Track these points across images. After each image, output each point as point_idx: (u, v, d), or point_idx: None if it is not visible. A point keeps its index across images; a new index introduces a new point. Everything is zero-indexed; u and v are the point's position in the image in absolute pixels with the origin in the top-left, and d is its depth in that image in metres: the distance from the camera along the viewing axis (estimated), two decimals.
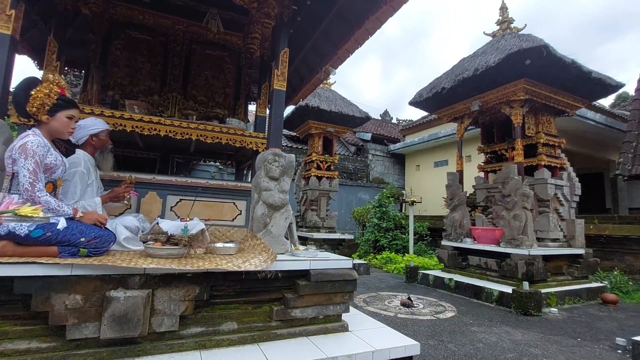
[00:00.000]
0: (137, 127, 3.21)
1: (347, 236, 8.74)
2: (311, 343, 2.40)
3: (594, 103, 9.05)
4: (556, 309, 4.97)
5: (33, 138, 1.88)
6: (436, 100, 7.44)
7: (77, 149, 2.43)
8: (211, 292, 2.32)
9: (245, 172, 5.73)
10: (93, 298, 1.97)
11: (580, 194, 6.66)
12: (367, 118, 9.42)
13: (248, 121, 5.17)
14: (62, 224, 1.96)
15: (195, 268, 2.11)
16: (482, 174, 7.38)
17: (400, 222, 10.32)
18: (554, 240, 6.14)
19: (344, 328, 2.70)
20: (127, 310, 1.97)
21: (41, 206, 1.87)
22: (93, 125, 2.49)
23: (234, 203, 3.57)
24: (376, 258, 9.27)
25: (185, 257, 2.29)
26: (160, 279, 2.13)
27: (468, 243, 6.55)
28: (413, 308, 4.80)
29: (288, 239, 2.97)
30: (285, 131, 11.55)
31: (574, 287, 5.72)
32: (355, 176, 14.41)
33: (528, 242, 5.59)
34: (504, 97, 6.36)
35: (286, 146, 13.18)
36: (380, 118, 20.92)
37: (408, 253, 8.81)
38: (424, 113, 11.12)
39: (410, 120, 18.80)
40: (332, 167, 9.26)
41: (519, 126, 6.29)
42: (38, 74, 4.50)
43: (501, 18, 7.13)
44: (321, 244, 7.59)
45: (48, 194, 1.95)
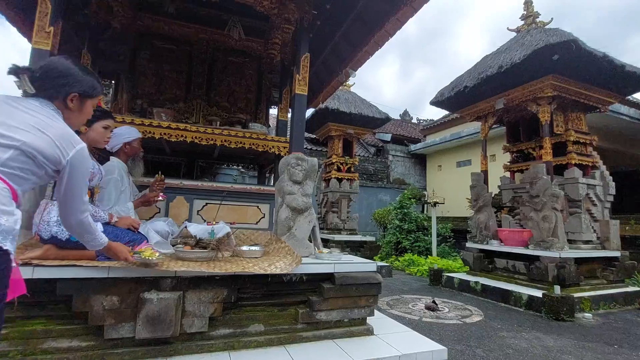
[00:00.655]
0: (165, 134, 3.33)
1: (369, 238, 8.70)
2: (337, 346, 2.41)
3: (628, 98, 8.60)
4: (590, 315, 4.75)
5: None
6: (458, 99, 7.29)
7: (111, 157, 2.55)
8: (238, 295, 2.37)
9: (267, 176, 5.82)
10: (128, 299, 2.06)
11: (614, 194, 6.35)
12: (387, 119, 9.35)
13: (269, 125, 5.25)
14: (100, 229, 2.05)
15: (223, 271, 2.17)
16: (508, 174, 7.17)
17: (422, 224, 10.17)
18: (587, 242, 5.87)
19: (369, 332, 2.69)
20: (160, 311, 2.05)
21: (150, 247, 2.06)
22: (126, 133, 2.61)
23: (258, 206, 3.63)
24: (398, 260, 9.17)
25: (213, 260, 2.36)
26: (190, 282, 2.21)
27: (494, 245, 6.37)
28: (438, 312, 4.72)
29: (312, 242, 3.00)
30: (304, 134, 11.65)
31: (609, 292, 5.45)
32: (375, 177, 14.31)
33: (559, 244, 5.37)
34: (530, 95, 6.15)
35: (306, 149, 13.27)
36: (400, 118, 20.70)
37: (431, 255, 8.66)
38: (445, 112, 10.93)
39: (431, 119, 18.51)
40: (352, 169, 9.24)
41: (547, 124, 6.07)
42: None
43: (526, 12, 6.92)
44: (342, 246, 7.58)
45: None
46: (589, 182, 6.05)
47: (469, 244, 6.89)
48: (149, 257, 1.98)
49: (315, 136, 10.18)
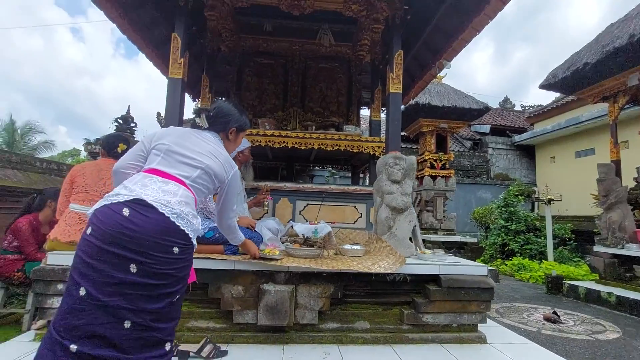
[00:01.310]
0: (270, 142, 3.67)
1: (469, 239, 8.07)
2: (446, 351, 2.32)
3: None
4: None
5: None
6: (576, 78, 6.23)
7: None
8: (344, 292, 2.47)
9: (361, 176, 5.90)
10: (251, 289, 2.33)
11: None
12: (486, 109, 8.55)
13: (360, 127, 5.32)
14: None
15: (330, 268, 2.29)
16: None
17: (533, 224, 8.97)
18: None
19: (482, 339, 2.51)
20: (277, 302, 2.27)
21: (278, 247, 2.42)
22: (241, 143, 2.97)
23: (355, 206, 3.71)
24: (505, 264, 8.27)
25: (320, 258, 2.50)
26: (300, 277, 2.39)
27: (633, 250, 5.24)
28: (560, 324, 4.11)
29: (412, 242, 2.94)
30: None
31: None
32: (473, 173, 13.17)
33: None
34: None
35: None
36: (499, 107, 18.63)
37: (546, 260, 7.58)
38: (556, 96, 9.43)
39: (538, 105, 16.18)
40: (447, 165, 8.70)
41: None
42: (192, 104, 5.57)
43: None
44: (439, 247, 7.20)
45: (214, 203, 2.41)
46: None
47: (598, 248, 5.82)
48: (270, 254, 2.24)
49: (405, 133, 9.88)
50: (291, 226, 3.11)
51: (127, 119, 5.40)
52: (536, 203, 10.80)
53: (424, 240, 7.59)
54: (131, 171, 1.55)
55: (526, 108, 17.72)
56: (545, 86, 6.75)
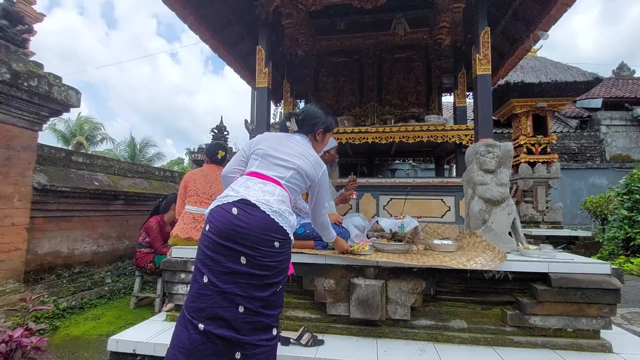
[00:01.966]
0: (350, 139, 3.71)
1: (582, 233, 6.98)
2: (561, 358, 2.07)
3: None
4: None
5: None
6: None
7: None
8: (436, 288, 2.38)
9: (446, 167, 5.58)
10: (342, 283, 2.41)
11: None
12: (596, 80, 7.26)
13: (442, 115, 5.02)
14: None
15: (420, 264, 2.23)
16: None
17: None
18: None
19: (606, 348, 2.17)
20: (368, 296, 2.31)
21: (367, 242, 2.49)
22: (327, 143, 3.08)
23: (442, 199, 3.54)
24: (631, 262, 6.93)
25: (409, 253, 2.46)
26: (390, 272, 2.38)
27: None
28: None
29: (512, 237, 2.68)
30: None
31: None
32: (582, 157, 11.32)
33: None
34: None
35: None
36: (613, 76, 15.62)
37: None
38: None
39: None
40: (549, 149, 7.64)
41: None
42: (273, 109, 5.96)
43: None
44: (544, 243, 6.38)
45: (304, 201, 2.55)
46: None
47: None
48: (359, 250, 2.29)
49: (494, 118, 8.99)
50: (376, 221, 3.12)
51: (221, 129, 6.04)
52: None
53: (524, 234, 6.80)
54: (236, 175, 1.77)
55: None
56: None
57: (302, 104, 5.84)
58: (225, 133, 6.07)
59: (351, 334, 2.37)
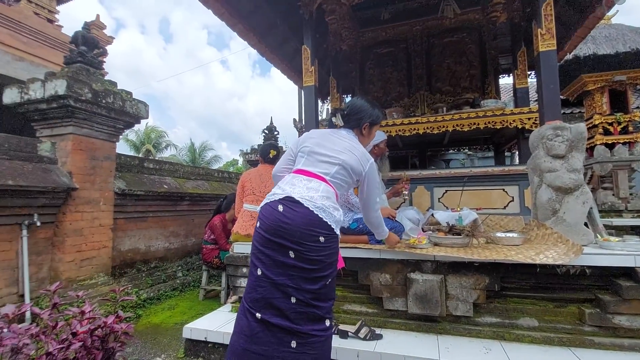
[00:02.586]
0: (400, 131, 3.63)
1: None
2: None
3: None
4: None
5: None
6: None
7: None
8: (501, 284, 2.25)
9: (507, 154, 5.20)
10: (398, 278, 2.38)
11: None
12: None
13: (500, 99, 4.67)
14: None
15: (482, 258, 2.12)
16: None
17: None
18: None
19: None
20: (426, 291, 2.25)
21: (424, 236, 2.45)
22: (376, 137, 3.04)
23: (504, 189, 3.31)
24: None
25: (469, 247, 2.35)
26: (449, 267, 2.30)
27: None
28: None
29: (589, 228, 2.43)
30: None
31: None
32: None
33: None
34: None
35: None
36: None
37: None
38: None
39: None
40: (631, 128, 6.74)
41: None
42: (320, 106, 6.02)
43: None
44: (629, 234, 5.65)
45: (356, 196, 2.55)
46: None
47: None
48: (416, 244, 2.25)
49: (561, 97, 8.15)
50: (431, 214, 3.02)
51: (271, 129, 6.26)
52: None
53: (604, 225, 6.08)
54: (285, 173, 1.82)
55: None
56: None
57: (349, 99, 5.83)
58: (275, 133, 6.27)
59: (410, 330, 2.33)
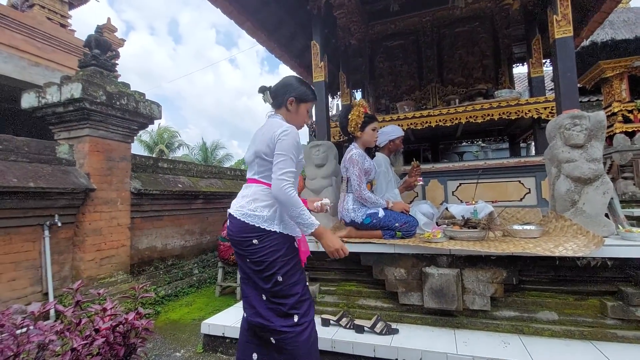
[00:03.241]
0: (412, 124, 3.58)
1: None
2: None
3: None
4: None
5: (355, 151, 2.53)
6: None
7: (377, 153, 3.01)
8: (519, 277, 2.21)
9: (523, 145, 5.09)
10: (413, 272, 2.37)
11: None
12: None
13: (515, 88, 4.57)
14: (382, 213, 2.49)
15: (499, 251, 2.09)
16: None
17: None
18: None
19: None
20: (442, 285, 2.24)
21: (439, 230, 2.39)
22: (392, 132, 3.02)
23: (520, 181, 3.24)
24: None
25: (485, 240, 2.32)
26: (465, 260, 2.27)
27: None
28: None
29: (610, 219, 2.37)
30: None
31: None
32: None
33: None
34: None
35: None
36: None
37: None
38: None
39: None
40: None
41: None
42: (330, 102, 5.99)
43: None
44: None
45: (369, 191, 2.54)
46: None
47: None
48: (431, 238, 2.23)
49: (578, 85, 7.92)
50: (446, 208, 2.99)
51: None
52: None
53: (625, 216, 5.91)
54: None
55: None
56: None
57: (359, 94, 5.78)
58: None
59: (426, 324, 2.32)
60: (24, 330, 1.57)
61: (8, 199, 2.64)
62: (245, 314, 1.67)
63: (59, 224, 3.02)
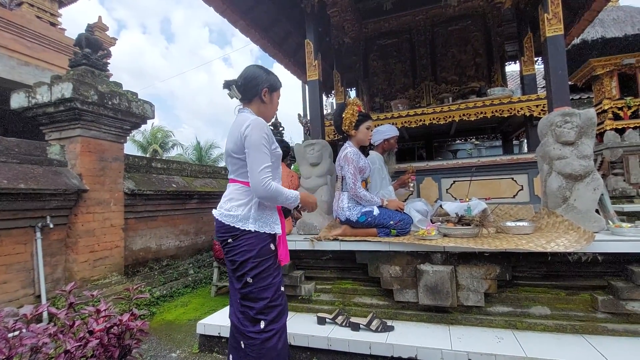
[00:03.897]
0: (406, 122, 3.60)
1: None
2: None
3: None
4: None
5: (350, 149, 2.53)
6: None
7: (370, 151, 3.02)
8: (513, 273, 2.24)
9: (515, 143, 5.14)
10: (408, 270, 2.39)
11: None
12: None
13: (507, 86, 4.61)
14: (376, 211, 2.50)
15: (493, 247, 2.11)
16: None
17: None
18: None
19: None
20: (436, 282, 2.26)
21: (433, 227, 2.38)
22: (387, 131, 3.03)
23: (512, 178, 3.28)
24: None
25: (478, 237, 2.34)
26: (459, 257, 2.29)
27: None
28: None
29: (600, 215, 2.40)
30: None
31: None
32: None
33: None
34: None
35: None
36: None
37: None
38: None
39: None
40: None
41: None
42: (325, 101, 5.98)
43: None
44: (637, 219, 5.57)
45: (364, 189, 2.55)
46: None
47: None
48: (425, 235, 2.24)
49: (569, 82, 8.01)
50: (440, 206, 3.01)
51: (277, 125, 6.25)
52: None
53: (615, 211, 6.00)
54: None
55: None
56: None
57: (353, 93, 5.78)
58: (280, 129, 6.27)
59: (421, 321, 2.34)
60: (17, 333, 1.55)
61: None
62: (229, 313, 1.68)
63: (51, 226, 2.99)
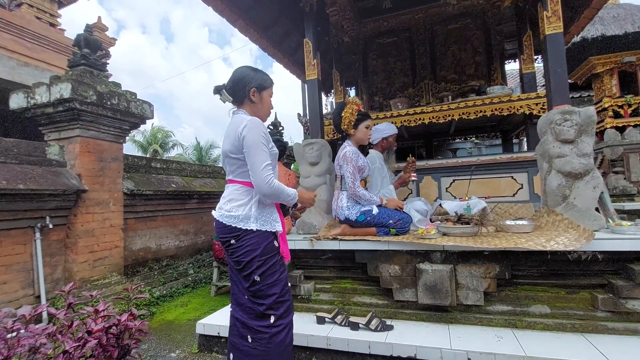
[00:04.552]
0: (405, 121, 3.59)
1: None
2: None
3: None
4: None
5: (349, 148, 2.53)
6: None
7: (370, 150, 3.01)
8: (512, 272, 2.24)
9: (515, 141, 5.13)
10: (407, 269, 2.38)
11: None
12: None
13: (506, 85, 4.60)
14: (376, 211, 2.50)
15: (492, 246, 2.11)
16: None
17: None
18: None
19: None
20: (436, 281, 2.25)
21: (433, 226, 2.38)
22: (386, 129, 3.03)
23: (512, 177, 3.27)
24: None
25: (478, 235, 2.33)
26: (458, 256, 2.29)
27: None
28: None
29: (600, 213, 2.40)
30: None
31: None
32: None
33: None
34: None
35: None
36: None
37: None
38: None
39: None
40: None
41: None
42: (324, 100, 5.98)
43: None
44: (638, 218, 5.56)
45: (363, 189, 2.55)
46: None
47: None
48: (425, 234, 2.23)
49: (570, 80, 7.99)
50: (439, 205, 3.00)
51: (276, 125, 6.24)
52: None
53: (615, 210, 5.98)
54: None
55: None
56: None
57: (353, 92, 5.77)
58: (280, 128, 6.26)
59: (420, 320, 2.34)
60: (15, 334, 1.55)
61: None
62: (231, 309, 1.71)
63: (51, 226, 2.99)
